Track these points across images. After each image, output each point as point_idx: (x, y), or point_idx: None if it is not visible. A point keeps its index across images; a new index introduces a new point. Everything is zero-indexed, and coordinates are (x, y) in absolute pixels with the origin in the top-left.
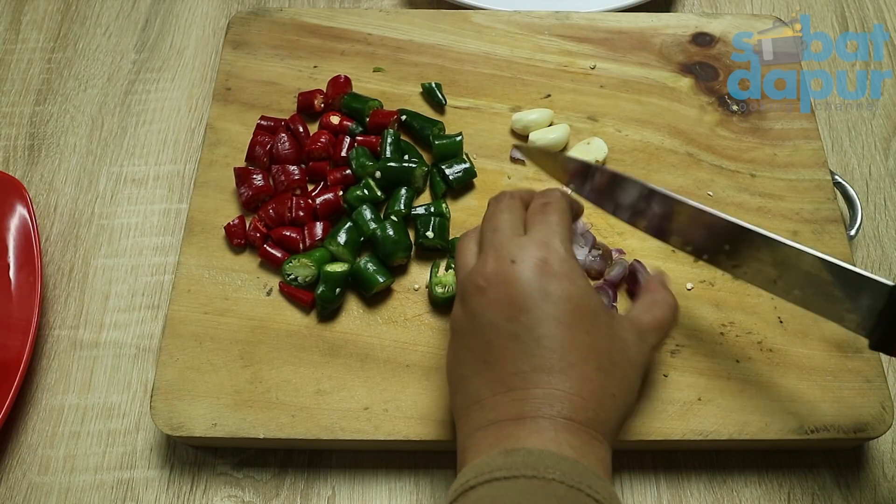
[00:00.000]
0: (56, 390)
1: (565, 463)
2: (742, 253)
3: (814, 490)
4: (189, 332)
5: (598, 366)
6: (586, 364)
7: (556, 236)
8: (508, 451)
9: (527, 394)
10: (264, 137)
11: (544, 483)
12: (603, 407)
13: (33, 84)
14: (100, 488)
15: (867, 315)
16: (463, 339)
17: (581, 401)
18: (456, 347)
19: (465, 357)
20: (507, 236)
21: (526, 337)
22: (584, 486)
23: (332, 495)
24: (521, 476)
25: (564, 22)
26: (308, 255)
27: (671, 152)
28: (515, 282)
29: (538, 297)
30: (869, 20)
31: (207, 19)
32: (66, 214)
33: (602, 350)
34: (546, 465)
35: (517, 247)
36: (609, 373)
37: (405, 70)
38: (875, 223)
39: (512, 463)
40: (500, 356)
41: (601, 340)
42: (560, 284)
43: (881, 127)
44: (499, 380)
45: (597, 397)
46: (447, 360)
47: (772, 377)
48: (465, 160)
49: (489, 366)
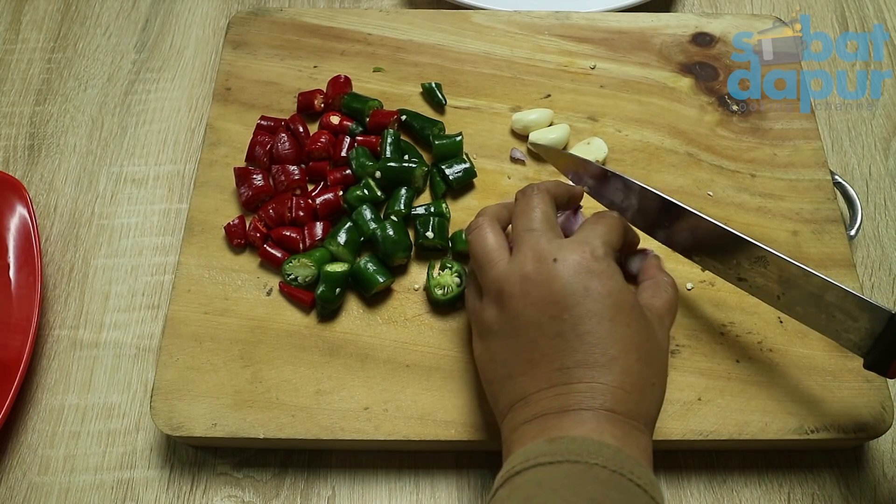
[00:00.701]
0: (56, 390)
1: (608, 450)
2: (750, 269)
3: (814, 490)
4: (189, 332)
5: (639, 357)
6: (628, 357)
7: (598, 238)
8: (552, 439)
9: (570, 388)
10: (264, 137)
11: (587, 468)
12: (644, 397)
13: (33, 84)
14: (100, 488)
15: (865, 337)
16: (503, 340)
17: (623, 393)
18: (494, 349)
19: (507, 358)
20: (546, 237)
21: (570, 334)
22: (626, 471)
23: (332, 495)
24: (564, 461)
25: (564, 22)
26: (308, 255)
27: (671, 152)
28: (558, 279)
29: (580, 295)
30: (869, 20)
31: (207, 19)
32: (66, 214)
33: (640, 342)
34: (589, 451)
35: (557, 247)
36: (648, 363)
37: (405, 70)
38: (875, 223)
39: (556, 449)
40: (545, 354)
41: (639, 333)
42: (600, 281)
43: (881, 127)
44: (543, 376)
45: (638, 388)
46: (481, 360)
47: (772, 377)
48: (464, 160)
49: (534, 364)
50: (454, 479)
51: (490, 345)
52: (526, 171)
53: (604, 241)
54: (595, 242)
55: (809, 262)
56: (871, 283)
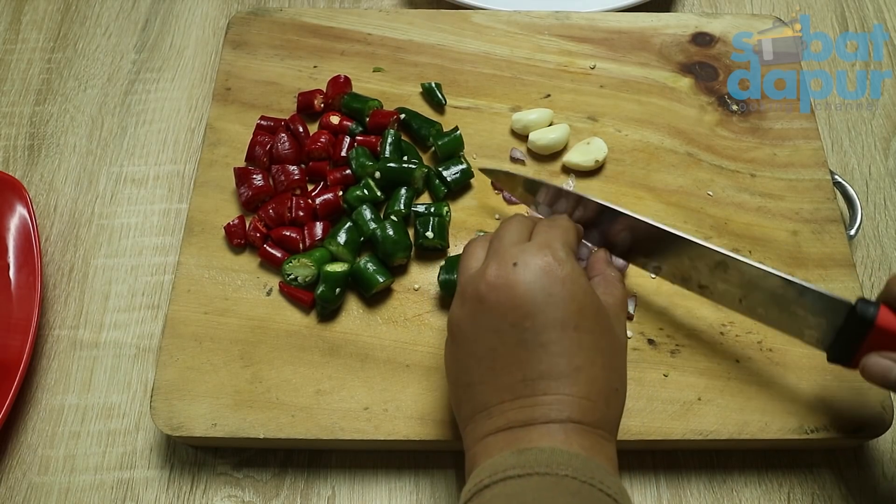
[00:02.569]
0: (56, 390)
1: (576, 460)
2: (710, 275)
3: (814, 490)
4: (189, 332)
5: (603, 364)
6: (593, 365)
7: (557, 240)
8: (521, 450)
9: (535, 400)
10: (264, 137)
11: (557, 479)
12: (609, 404)
13: (33, 84)
14: (100, 488)
15: (827, 331)
16: (466, 346)
17: (589, 403)
18: (458, 354)
19: (469, 364)
20: (510, 242)
21: (532, 343)
22: (595, 481)
23: (332, 495)
24: (534, 473)
25: (564, 22)
26: (308, 255)
27: (671, 152)
28: (518, 285)
29: (542, 301)
30: (869, 20)
31: (207, 19)
32: (66, 214)
33: (604, 347)
34: (558, 462)
35: (519, 251)
36: (612, 368)
37: (405, 70)
38: (875, 223)
39: (525, 461)
40: (507, 364)
41: (603, 337)
42: (563, 286)
43: (881, 127)
44: (506, 388)
45: (603, 396)
46: (446, 362)
47: (772, 377)
48: (461, 161)
49: (495, 374)
50: (454, 479)
51: (455, 348)
52: (526, 171)
53: (563, 243)
54: (556, 245)
55: (809, 262)
56: (871, 283)
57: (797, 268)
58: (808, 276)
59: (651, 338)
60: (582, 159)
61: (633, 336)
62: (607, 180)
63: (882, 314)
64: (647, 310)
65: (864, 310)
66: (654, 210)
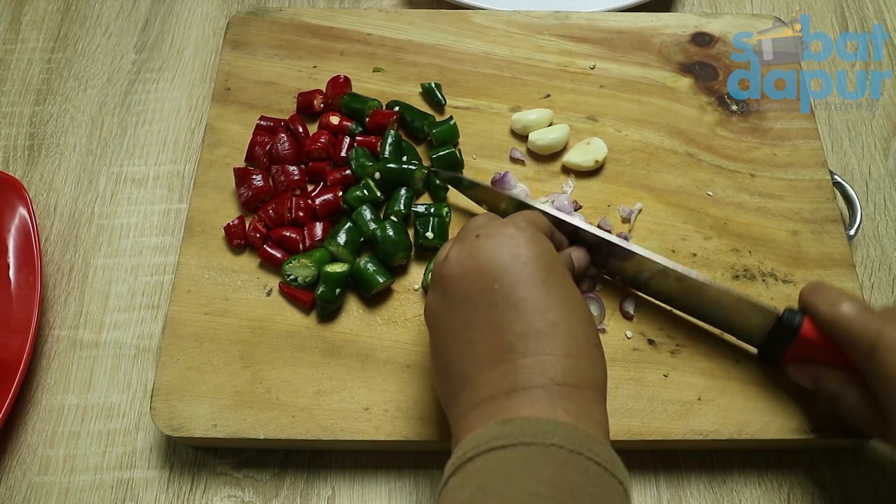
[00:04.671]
0: (56, 390)
1: (563, 428)
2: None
3: (814, 490)
4: (189, 332)
5: (579, 319)
6: (568, 320)
7: (520, 217)
8: (504, 421)
9: (516, 365)
10: (264, 138)
11: (543, 449)
12: (593, 362)
13: (33, 84)
14: (100, 488)
15: (758, 332)
16: (441, 326)
17: (571, 360)
18: (435, 338)
19: (446, 343)
20: (475, 225)
21: (504, 304)
22: (584, 449)
23: (332, 495)
24: (518, 444)
25: (564, 22)
26: (308, 255)
27: (671, 152)
28: (482, 252)
29: (508, 262)
30: (869, 20)
31: (207, 19)
32: (66, 214)
33: (577, 301)
34: (544, 431)
35: (482, 225)
36: (588, 324)
37: (405, 70)
38: (875, 223)
39: (509, 432)
40: (482, 331)
41: (573, 293)
42: (527, 246)
43: (881, 127)
44: (484, 356)
45: (585, 353)
46: (431, 354)
47: (772, 377)
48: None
49: (472, 343)
50: None
51: (432, 338)
52: (526, 171)
53: (526, 219)
54: (517, 220)
55: (809, 262)
56: (870, 283)
57: (797, 268)
58: (808, 276)
59: (651, 338)
60: (582, 159)
61: (633, 336)
62: (607, 180)
63: (806, 325)
64: (648, 310)
65: (790, 319)
66: (654, 210)
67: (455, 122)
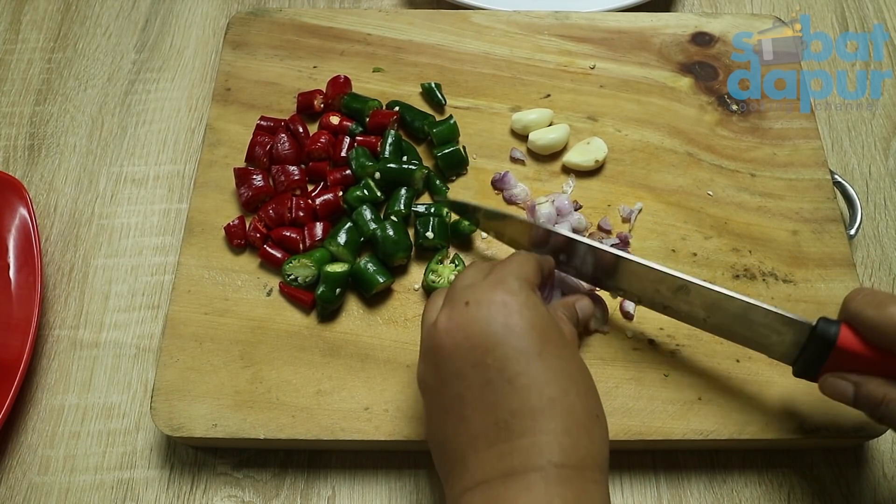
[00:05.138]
0: (56, 390)
1: None
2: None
3: (814, 490)
4: (189, 332)
5: (577, 391)
6: (567, 393)
7: (511, 274)
8: None
9: (512, 445)
10: (264, 138)
11: None
12: (592, 436)
13: (33, 84)
14: (100, 488)
15: (791, 348)
16: (435, 400)
17: (570, 440)
18: (430, 412)
19: (441, 420)
20: (464, 285)
21: (498, 380)
22: None
23: (332, 495)
24: None
25: (564, 22)
26: (308, 255)
27: (671, 152)
28: (473, 323)
29: (500, 334)
30: (869, 20)
31: (207, 19)
32: (66, 214)
33: (574, 371)
34: None
35: (471, 290)
36: (587, 394)
37: (405, 70)
38: (875, 223)
39: None
40: (476, 408)
41: (571, 361)
42: (520, 315)
43: (881, 127)
44: (479, 434)
45: (584, 427)
46: (426, 427)
47: (772, 377)
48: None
49: (466, 421)
50: None
51: (427, 408)
52: (526, 171)
53: (517, 276)
54: (508, 279)
55: (809, 262)
56: (871, 283)
57: (797, 267)
58: (808, 276)
59: (651, 338)
60: (582, 159)
61: (633, 336)
62: (607, 180)
63: (843, 334)
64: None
65: (824, 330)
66: (654, 210)
67: (455, 122)
